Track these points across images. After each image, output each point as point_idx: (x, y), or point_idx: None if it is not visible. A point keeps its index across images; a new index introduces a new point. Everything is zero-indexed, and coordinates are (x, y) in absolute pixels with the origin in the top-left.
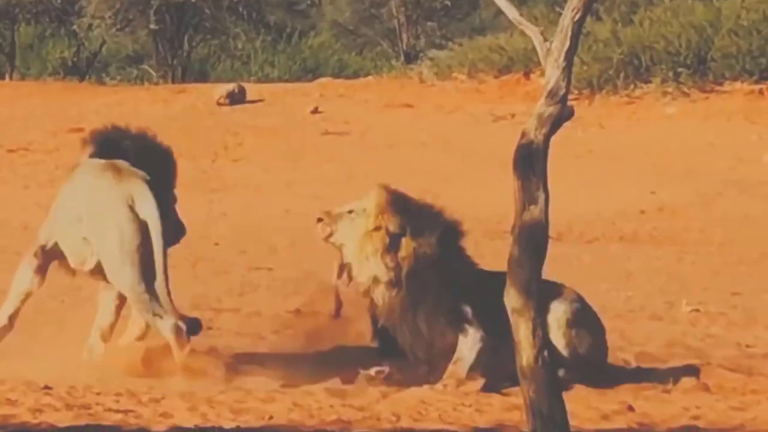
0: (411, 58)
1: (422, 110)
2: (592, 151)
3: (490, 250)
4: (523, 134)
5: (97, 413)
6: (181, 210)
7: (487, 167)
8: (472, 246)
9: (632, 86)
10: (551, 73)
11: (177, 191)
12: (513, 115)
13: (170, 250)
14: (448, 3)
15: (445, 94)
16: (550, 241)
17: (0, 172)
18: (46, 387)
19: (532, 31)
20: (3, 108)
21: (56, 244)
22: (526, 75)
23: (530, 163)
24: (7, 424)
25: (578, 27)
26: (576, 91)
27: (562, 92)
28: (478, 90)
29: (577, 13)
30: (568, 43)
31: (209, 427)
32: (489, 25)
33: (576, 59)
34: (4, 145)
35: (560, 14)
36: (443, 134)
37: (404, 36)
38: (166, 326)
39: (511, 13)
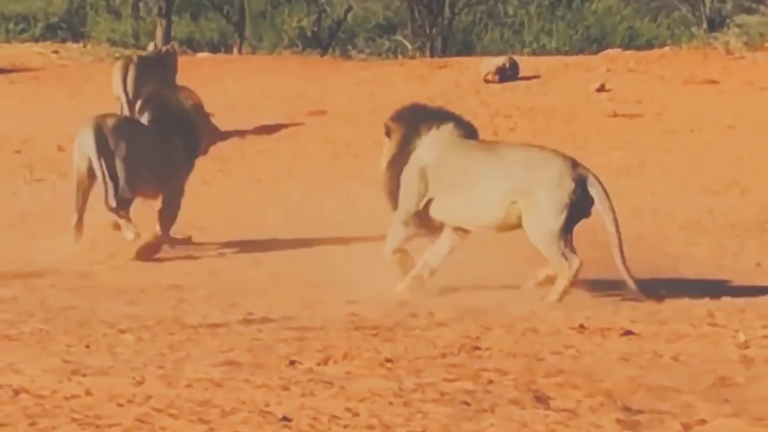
0: (715, 24)
1: (729, 87)
2: None
3: None
4: None
5: None
6: None
7: None
8: None
9: None
10: None
11: None
12: None
13: None
14: None
15: (757, 67)
16: None
17: (227, 162)
18: (285, 418)
19: None
20: (231, 87)
21: None
22: None
23: None
24: None
25: None
26: None
27: None
28: None
29: None
30: None
31: None
32: None
33: None
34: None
35: None
36: (754, 115)
37: None
38: None
39: None
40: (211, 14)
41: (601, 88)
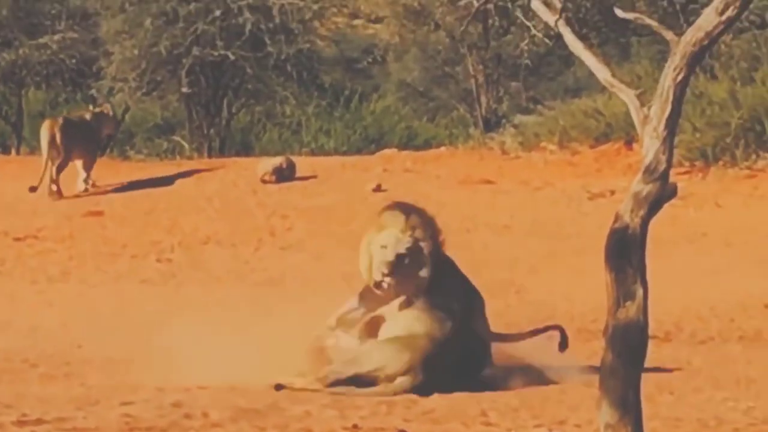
0: (491, 124)
1: (504, 187)
2: (707, 234)
3: (584, 353)
4: (617, 217)
5: None
6: (216, 306)
7: (582, 254)
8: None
9: (754, 157)
10: (649, 145)
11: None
12: (612, 192)
13: None
14: (529, 63)
15: (531, 166)
16: (655, 341)
17: (4, 264)
18: None
19: (627, 95)
20: (8, 188)
21: None
22: (628, 144)
23: (625, 251)
24: None
25: (681, 89)
26: (687, 163)
27: (662, 167)
28: (571, 162)
29: (679, 73)
30: (669, 109)
31: None
32: (584, 85)
33: (687, 125)
34: (9, 233)
35: None
36: (529, 215)
37: (483, 99)
38: None
39: (602, 72)
40: None
41: (378, 188)
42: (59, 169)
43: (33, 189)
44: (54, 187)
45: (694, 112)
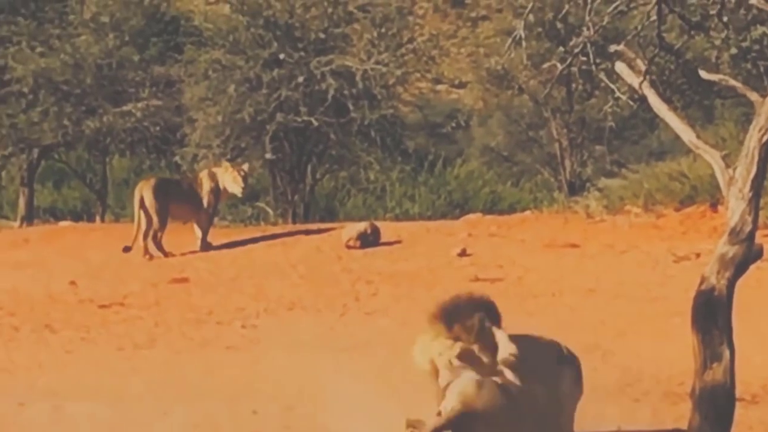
0: (576, 188)
1: (590, 250)
2: None
3: (671, 416)
4: (703, 279)
5: None
6: (302, 372)
7: (668, 317)
8: (650, 412)
9: None
10: (735, 206)
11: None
12: (698, 255)
13: None
14: (613, 126)
15: (616, 230)
16: (742, 403)
17: (89, 331)
18: None
19: (712, 156)
20: (93, 256)
21: None
22: (713, 207)
23: (711, 313)
24: None
25: (767, 150)
26: None
27: (748, 228)
28: (656, 225)
29: (764, 134)
30: (754, 170)
31: None
32: (668, 148)
33: None
34: (94, 300)
35: None
36: (614, 278)
37: (568, 162)
38: None
39: (687, 134)
40: (74, 183)
41: (463, 253)
42: (147, 231)
43: (126, 249)
44: (145, 251)
45: None
